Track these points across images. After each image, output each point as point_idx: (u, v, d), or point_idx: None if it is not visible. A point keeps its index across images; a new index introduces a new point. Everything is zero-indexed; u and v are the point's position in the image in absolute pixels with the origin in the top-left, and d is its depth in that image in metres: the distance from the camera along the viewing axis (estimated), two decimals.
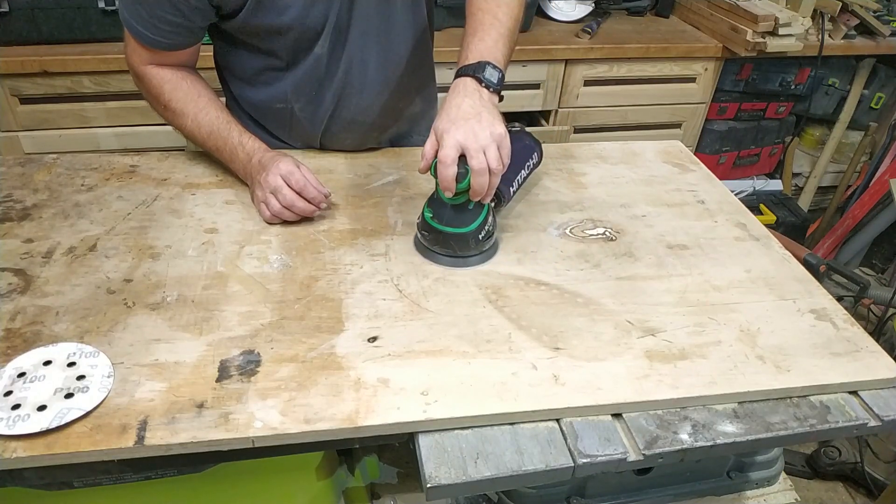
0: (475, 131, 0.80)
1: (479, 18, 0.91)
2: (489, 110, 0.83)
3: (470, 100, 0.83)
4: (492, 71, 0.85)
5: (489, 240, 0.89)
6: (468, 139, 0.79)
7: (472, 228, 0.86)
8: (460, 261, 0.88)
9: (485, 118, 0.81)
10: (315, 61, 1.01)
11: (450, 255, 0.88)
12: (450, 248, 0.87)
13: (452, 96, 0.84)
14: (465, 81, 0.85)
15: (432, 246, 0.88)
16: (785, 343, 0.79)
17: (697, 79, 2.10)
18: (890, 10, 2.32)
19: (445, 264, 0.88)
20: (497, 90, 0.86)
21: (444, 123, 0.81)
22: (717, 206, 1.06)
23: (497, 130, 0.81)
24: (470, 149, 0.79)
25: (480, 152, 0.79)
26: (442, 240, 0.87)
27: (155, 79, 1.00)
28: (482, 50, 0.87)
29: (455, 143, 0.79)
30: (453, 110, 0.82)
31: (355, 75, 1.05)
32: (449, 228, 0.86)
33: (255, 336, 0.75)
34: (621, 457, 0.66)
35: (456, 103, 0.83)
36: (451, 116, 0.81)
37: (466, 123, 0.80)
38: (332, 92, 1.05)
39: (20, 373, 0.68)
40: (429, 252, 0.89)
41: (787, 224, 2.31)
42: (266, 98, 1.08)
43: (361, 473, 0.93)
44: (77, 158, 1.07)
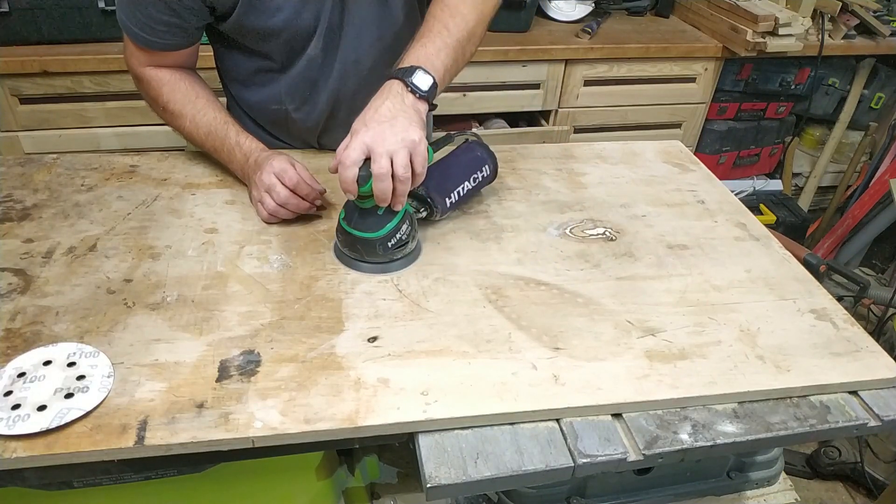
0: (385, 135, 0.77)
1: (430, 25, 0.89)
2: (407, 115, 0.80)
3: (390, 103, 0.80)
4: (423, 77, 0.83)
5: (401, 248, 0.86)
6: (375, 142, 0.77)
7: (379, 235, 0.83)
8: (369, 266, 0.86)
9: (399, 122, 0.79)
10: (308, 63, 1.01)
11: (358, 259, 0.86)
12: (357, 252, 0.85)
13: (374, 98, 0.82)
14: (392, 84, 0.82)
15: (343, 247, 0.87)
16: (785, 343, 0.79)
17: (697, 79, 2.10)
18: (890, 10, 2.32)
19: (360, 270, 0.86)
20: (424, 97, 0.83)
21: (357, 124, 0.80)
22: (717, 206, 1.06)
23: (410, 136, 0.78)
24: (375, 152, 0.77)
25: (385, 156, 0.77)
26: (350, 242, 0.85)
27: (153, 80, 1.00)
28: (420, 55, 0.85)
29: (361, 145, 0.77)
30: (370, 112, 0.80)
31: (350, 77, 1.05)
32: (356, 232, 0.84)
33: (255, 336, 0.75)
34: (621, 457, 0.66)
35: (375, 105, 0.81)
36: (365, 118, 0.80)
37: (379, 126, 0.78)
38: (327, 93, 1.06)
39: (20, 373, 0.68)
40: (340, 254, 0.88)
41: (787, 224, 2.31)
42: (262, 99, 1.08)
43: (361, 473, 0.93)
44: (77, 158, 1.07)
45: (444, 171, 0.95)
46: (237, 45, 1.01)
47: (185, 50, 1.00)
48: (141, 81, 1.01)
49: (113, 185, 1.01)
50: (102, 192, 0.99)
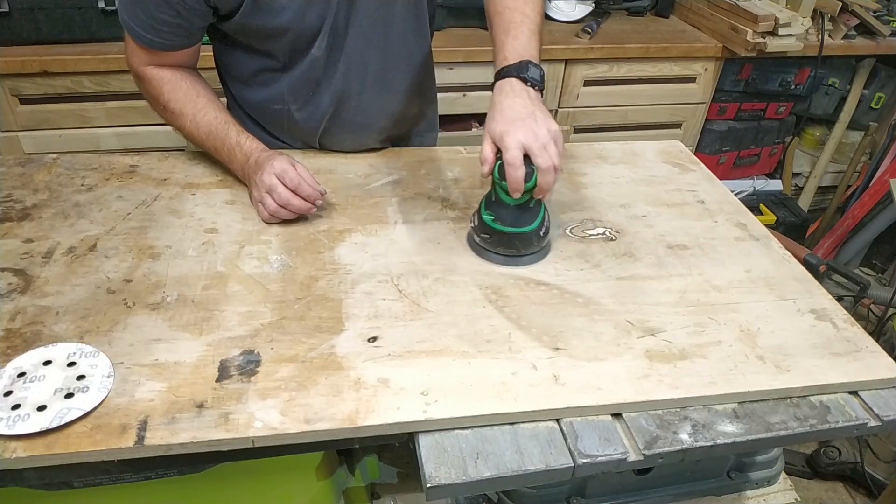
0: (535, 130, 0.80)
1: (509, 17, 0.91)
2: (540, 108, 0.83)
3: (521, 100, 0.83)
4: (534, 69, 0.86)
5: (547, 235, 0.91)
6: (529, 139, 0.79)
7: (534, 226, 0.87)
8: (519, 259, 0.89)
9: (539, 116, 0.82)
10: (312, 63, 1.01)
11: (512, 254, 0.89)
12: (514, 247, 0.88)
13: (501, 98, 0.84)
14: (511, 82, 0.85)
15: (495, 248, 0.89)
16: (785, 343, 0.79)
17: (697, 79, 2.10)
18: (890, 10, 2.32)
19: (503, 263, 0.89)
20: (541, 87, 0.86)
21: (501, 125, 0.81)
22: (717, 206, 1.06)
23: (553, 127, 0.82)
24: (533, 148, 0.79)
25: (544, 150, 0.80)
26: (506, 241, 0.87)
27: (154, 79, 1.00)
28: (519, 49, 0.87)
29: (518, 144, 0.79)
30: (507, 111, 0.82)
31: (354, 78, 1.05)
32: (513, 229, 0.86)
33: (255, 336, 0.75)
34: (621, 457, 0.66)
35: (508, 104, 0.83)
36: (506, 118, 0.81)
37: (524, 123, 0.80)
38: (329, 94, 1.05)
39: (20, 373, 0.68)
40: (489, 254, 0.90)
41: (787, 224, 2.31)
42: (263, 99, 1.08)
43: (361, 473, 0.93)
44: (77, 158, 1.07)
45: None
46: (239, 43, 1.01)
47: (187, 49, 1.00)
48: (142, 80, 1.01)
49: (113, 185, 1.01)
50: (102, 192, 0.99)
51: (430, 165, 1.12)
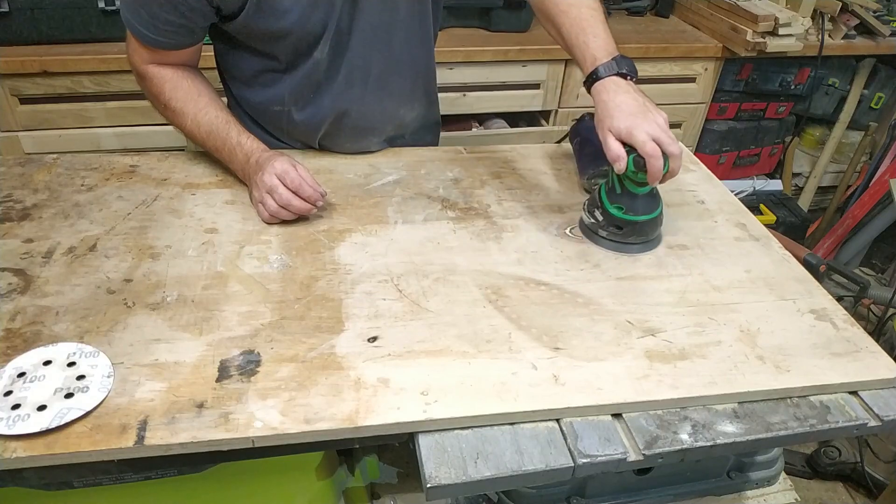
0: (657, 122, 0.85)
1: (578, 14, 0.94)
2: (648, 100, 0.88)
3: (630, 96, 0.87)
4: (627, 63, 0.90)
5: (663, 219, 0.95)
6: (656, 130, 0.84)
7: (658, 212, 0.92)
8: (649, 245, 0.94)
9: (651, 107, 0.86)
10: (314, 66, 1.01)
11: (643, 241, 0.93)
12: (644, 234, 0.92)
13: (612, 96, 0.87)
14: (615, 80, 0.88)
15: (626, 238, 0.92)
16: (785, 343, 0.79)
17: (697, 79, 2.10)
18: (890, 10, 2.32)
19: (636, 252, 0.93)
20: (636, 78, 0.91)
21: (624, 121, 0.84)
22: (717, 206, 1.06)
23: (665, 115, 0.87)
24: (662, 138, 0.83)
25: (671, 139, 0.84)
26: (638, 229, 0.91)
27: (156, 78, 1.00)
28: (604, 46, 0.91)
29: (647, 138, 0.83)
30: (623, 107, 0.86)
31: (356, 82, 1.05)
32: (642, 217, 0.91)
33: (255, 336, 0.75)
34: (621, 457, 0.66)
35: (621, 100, 0.86)
36: (625, 113, 0.85)
37: (645, 117, 0.85)
38: (331, 97, 1.05)
39: (20, 373, 0.68)
40: (621, 246, 0.93)
41: (787, 224, 2.31)
42: (264, 100, 1.08)
43: (361, 473, 0.93)
44: (77, 158, 1.07)
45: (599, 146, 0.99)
46: (241, 44, 1.01)
47: (189, 48, 1.00)
48: (143, 79, 1.01)
49: (113, 185, 1.01)
50: (102, 192, 0.99)
51: (430, 165, 1.12)
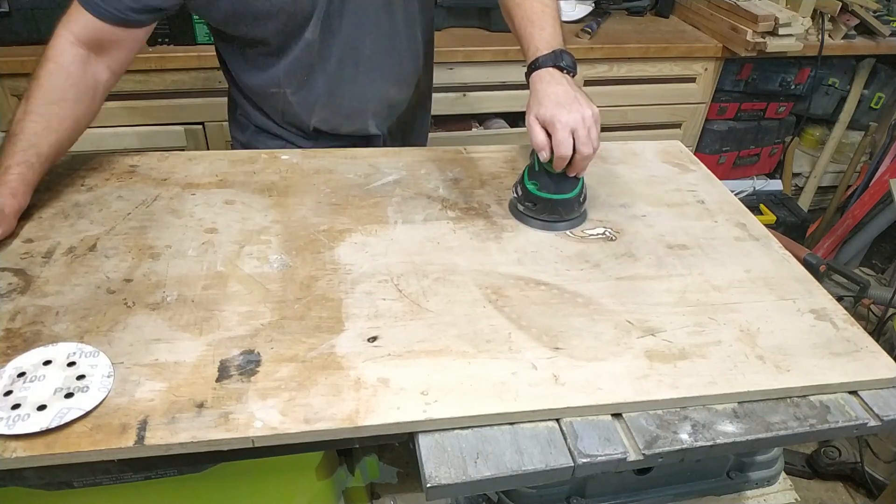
0: (582, 113, 0.86)
1: (530, 8, 0.96)
2: (581, 93, 0.89)
3: (562, 87, 0.89)
4: (567, 57, 0.92)
5: (585, 202, 0.99)
6: (577, 122, 0.86)
7: (575, 193, 0.95)
8: (560, 224, 0.97)
9: (582, 100, 0.88)
10: (306, 47, 1.02)
11: (556, 219, 0.97)
12: (557, 213, 0.96)
13: (544, 86, 0.89)
14: (550, 71, 0.90)
15: (539, 215, 0.97)
16: (785, 343, 0.79)
17: (697, 79, 2.10)
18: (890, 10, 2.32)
19: (545, 229, 0.97)
20: (575, 73, 0.93)
21: (549, 110, 0.86)
22: (717, 206, 1.06)
23: (595, 110, 0.88)
24: (579, 132, 0.86)
25: (588, 135, 0.87)
26: (550, 207, 0.95)
27: (56, 49, 0.91)
28: (548, 38, 0.93)
29: (567, 127, 0.86)
30: (552, 97, 0.88)
31: (348, 64, 1.06)
32: (557, 196, 0.94)
33: (255, 336, 0.75)
34: (621, 457, 0.66)
35: (552, 91, 0.88)
36: (553, 102, 0.87)
37: (571, 107, 0.86)
38: (324, 78, 1.07)
39: (20, 373, 0.68)
40: (534, 221, 0.97)
41: (787, 224, 2.31)
42: (261, 83, 1.09)
43: (361, 473, 0.93)
44: (77, 158, 1.07)
45: None
46: (234, 37, 1.02)
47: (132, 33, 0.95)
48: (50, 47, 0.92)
49: (113, 185, 1.01)
50: (102, 192, 0.99)
51: (430, 165, 1.12)
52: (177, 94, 1.72)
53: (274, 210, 0.97)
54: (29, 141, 0.89)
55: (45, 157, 0.90)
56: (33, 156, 0.89)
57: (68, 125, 0.93)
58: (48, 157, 0.91)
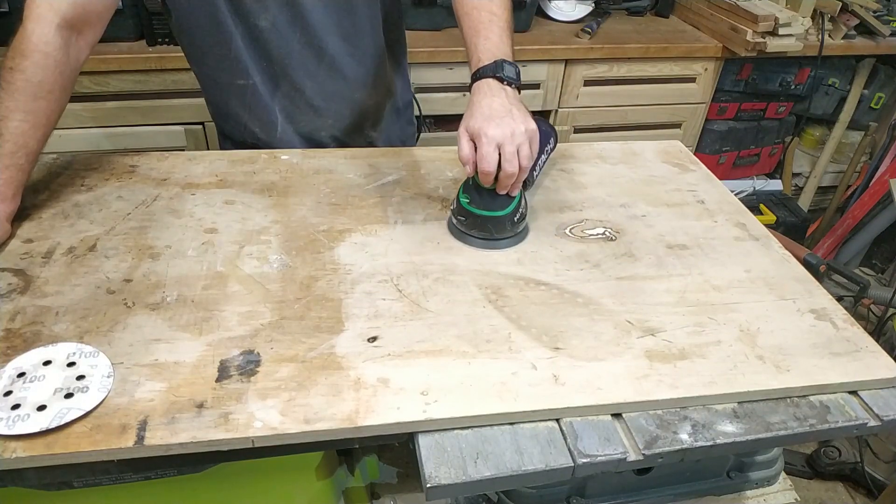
0: (512, 129, 0.82)
1: (477, 17, 0.92)
2: (518, 107, 0.85)
3: (499, 99, 0.85)
4: (509, 67, 0.87)
5: (522, 222, 0.94)
6: (505, 139, 0.82)
7: (507, 212, 0.90)
8: (495, 243, 0.92)
9: (516, 114, 0.84)
10: (270, 31, 1.03)
11: (487, 237, 0.92)
12: (487, 231, 0.91)
13: (480, 97, 0.86)
14: (489, 82, 0.86)
15: (469, 230, 0.92)
16: (785, 343, 0.79)
17: (697, 79, 2.10)
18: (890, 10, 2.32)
19: (480, 247, 0.92)
20: (518, 85, 0.88)
21: (478, 122, 0.83)
22: (716, 206, 1.06)
23: (530, 126, 0.84)
24: (505, 148, 0.82)
25: (515, 154, 0.83)
26: (480, 223, 0.91)
27: (40, 36, 0.87)
28: (492, 48, 0.89)
29: (493, 143, 0.82)
30: (485, 109, 0.84)
31: (311, 57, 1.07)
32: (486, 212, 0.89)
33: (255, 336, 0.75)
34: (621, 457, 0.66)
35: (486, 103, 0.84)
36: (484, 115, 0.83)
37: (502, 121, 0.82)
38: (284, 69, 1.08)
39: (20, 373, 0.68)
40: (465, 237, 0.93)
41: (787, 224, 2.31)
42: (227, 76, 1.09)
43: (361, 473, 0.93)
44: (77, 158, 1.07)
45: None
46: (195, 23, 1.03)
47: (112, 3, 0.95)
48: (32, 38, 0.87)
49: (113, 185, 1.01)
50: (102, 192, 0.99)
51: (430, 165, 1.12)
52: (177, 94, 1.72)
53: (274, 210, 0.97)
54: (17, 142, 0.87)
55: (34, 154, 0.90)
56: (22, 157, 0.88)
57: (55, 118, 0.92)
58: (37, 152, 0.90)
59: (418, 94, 1.30)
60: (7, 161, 0.86)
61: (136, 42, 1.70)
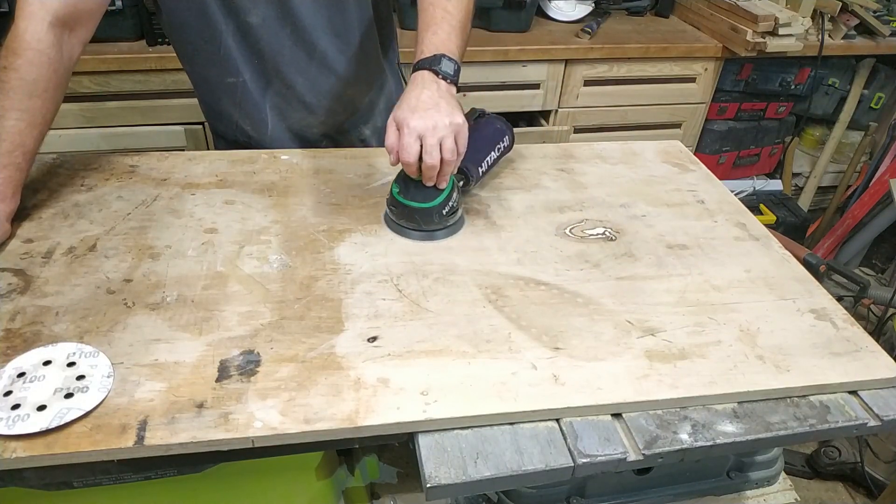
0: (435, 121, 0.83)
1: (431, 13, 0.93)
2: (447, 100, 0.85)
3: (429, 91, 0.85)
4: (447, 63, 0.88)
5: (453, 215, 0.93)
6: (427, 129, 0.82)
7: (435, 203, 0.90)
8: (425, 234, 0.92)
9: (443, 108, 0.84)
10: (259, 27, 1.03)
11: (415, 228, 0.92)
12: (415, 221, 0.91)
13: (411, 88, 0.86)
14: (423, 74, 0.87)
15: (399, 220, 0.93)
16: (785, 343, 0.79)
17: (697, 79, 2.10)
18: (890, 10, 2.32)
19: (414, 238, 0.92)
20: (454, 81, 0.89)
21: (403, 113, 0.84)
22: (716, 206, 1.06)
23: (456, 119, 0.84)
24: (427, 141, 0.83)
25: (436, 145, 0.83)
26: (408, 214, 0.91)
27: (32, 34, 0.87)
28: (436, 43, 0.90)
29: (415, 134, 0.83)
30: (413, 101, 0.85)
31: (301, 52, 1.07)
32: (414, 203, 0.90)
33: (255, 336, 0.75)
34: (621, 457, 0.66)
35: (415, 94, 0.85)
36: (411, 106, 0.84)
37: (426, 113, 0.83)
38: (275, 66, 1.08)
39: (20, 373, 0.68)
40: (396, 226, 0.93)
41: (787, 224, 2.31)
42: (217, 74, 1.10)
43: (361, 473, 0.93)
44: (77, 158, 1.07)
45: (472, 143, 1.01)
46: (184, 21, 1.03)
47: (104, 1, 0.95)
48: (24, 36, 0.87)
49: (113, 185, 1.01)
50: (102, 192, 0.99)
51: None
52: (177, 94, 1.72)
53: (274, 210, 0.97)
54: (14, 141, 0.87)
55: (31, 153, 0.90)
56: (20, 156, 0.88)
57: (50, 117, 0.92)
58: (34, 151, 0.90)
59: None
60: (5, 160, 0.86)
61: (136, 42, 1.70)
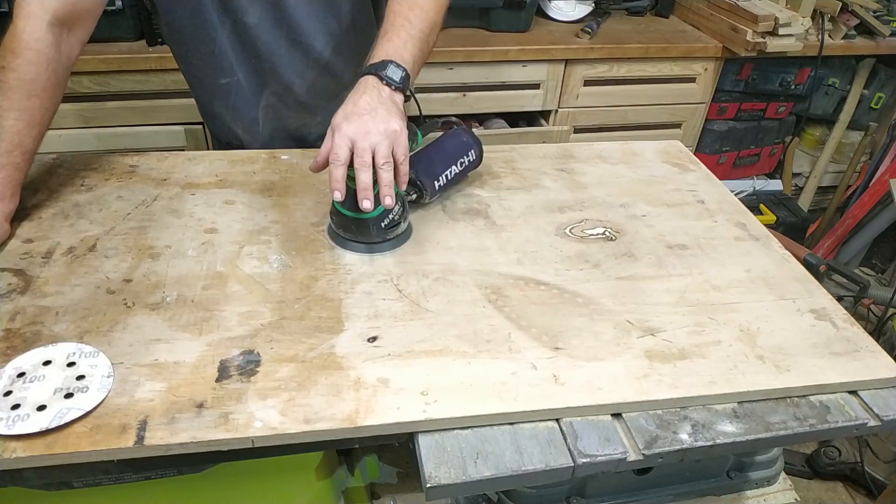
0: (367, 127, 0.80)
1: (391, 20, 0.92)
2: (386, 106, 0.82)
3: (368, 96, 0.83)
4: (394, 69, 0.85)
5: (394, 228, 0.89)
6: (359, 135, 0.79)
7: (373, 216, 0.86)
8: (366, 247, 0.89)
9: (380, 114, 0.81)
10: (256, 27, 1.03)
11: (352, 239, 0.89)
12: (352, 232, 0.89)
13: (352, 93, 0.84)
14: (367, 79, 0.85)
15: (337, 229, 0.90)
16: (785, 343, 0.79)
17: (697, 79, 2.10)
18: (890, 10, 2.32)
19: (354, 251, 0.89)
20: (399, 88, 0.86)
21: (339, 117, 0.82)
22: (716, 206, 1.06)
23: (391, 127, 0.81)
24: (358, 146, 0.79)
25: (367, 151, 0.80)
26: (345, 224, 0.88)
27: (31, 34, 0.87)
28: (388, 50, 0.88)
29: (346, 140, 0.80)
30: (349, 106, 0.82)
31: (298, 55, 1.07)
32: (351, 213, 0.87)
33: (255, 336, 0.75)
34: (621, 457, 0.66)
35: (353, 100, 0.83)
36: (347, 111, 0.82)
37: (360, 119, 0.80)
38: (271, 66, 1.08)
39: (20, 373, 0.68)
40: (337, 237, 0.91)
41: (787, 224, 2.31)
42: (211, 75, 1.09)
43: (361, 473, 0.93)
44: (77, 158, 1.07)
45: (432, 155, 0.99)
46: (178, 21, 1.03)
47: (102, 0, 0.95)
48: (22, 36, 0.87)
49: (113, 185, 1.01)
50: (102, 192, 0.99)
51: None
52: (177, 94, 1.72)
53: (274, 210, 0.97)
54: (12, 141, 0.87)
55: (30, 152, 0.90)
56: (18, 156, 0.88)
57: (49, 116, 0.92)
58: (33, 151, 0.90)
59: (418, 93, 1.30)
60: (4, 160, 0.86)
61: (136, 42, 1.70)
